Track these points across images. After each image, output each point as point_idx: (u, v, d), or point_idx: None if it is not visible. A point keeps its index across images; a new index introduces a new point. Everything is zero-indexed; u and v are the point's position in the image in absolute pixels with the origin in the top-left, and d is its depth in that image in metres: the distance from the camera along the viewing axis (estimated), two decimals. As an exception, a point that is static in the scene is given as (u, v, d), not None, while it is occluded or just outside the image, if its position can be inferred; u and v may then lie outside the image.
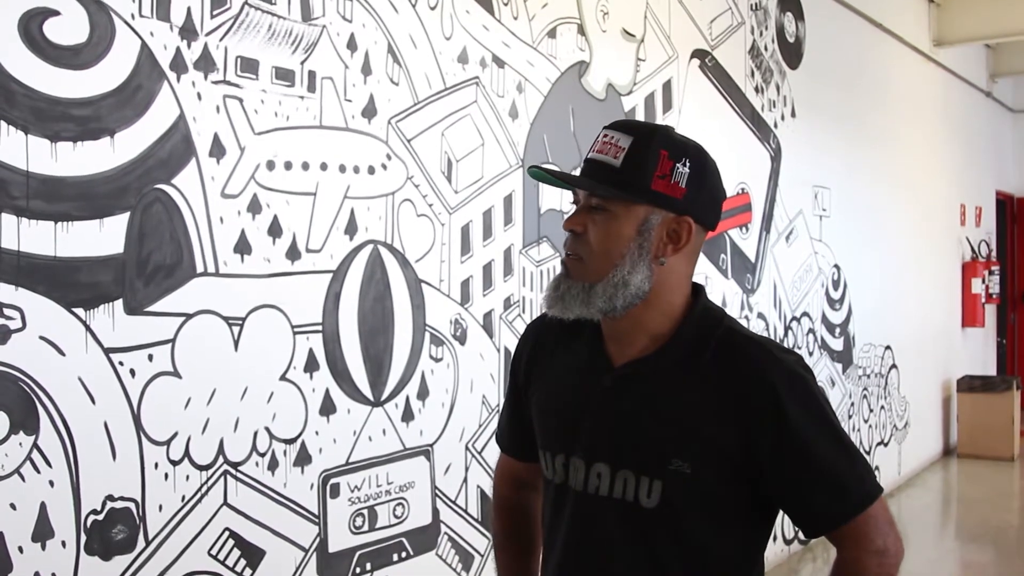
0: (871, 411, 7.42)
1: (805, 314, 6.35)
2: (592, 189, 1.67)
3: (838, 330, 6.85)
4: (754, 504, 1.68)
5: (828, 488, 1.63)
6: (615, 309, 1.65)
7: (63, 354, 2.42)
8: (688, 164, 1.66)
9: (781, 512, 1.71)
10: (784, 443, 1.60)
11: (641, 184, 1.64)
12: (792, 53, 6.16)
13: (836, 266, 6.82)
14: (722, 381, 1.64)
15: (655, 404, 1.67)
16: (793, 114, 6.16)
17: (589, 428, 1.71)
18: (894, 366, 7.91)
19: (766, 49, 5.83)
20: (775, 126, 5.95)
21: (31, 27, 2.36)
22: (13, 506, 2.33)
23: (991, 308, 10.46)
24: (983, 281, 9.78)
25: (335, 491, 3.12)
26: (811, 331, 6.43)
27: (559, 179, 1.75)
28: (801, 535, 1.73)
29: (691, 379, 1.66)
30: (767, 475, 1.63)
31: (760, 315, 5.75)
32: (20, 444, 2.34)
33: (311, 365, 3.04)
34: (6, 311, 2.31)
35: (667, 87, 4.84)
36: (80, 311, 2.45)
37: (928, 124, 8.84)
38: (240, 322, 2.83)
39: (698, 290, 1.75)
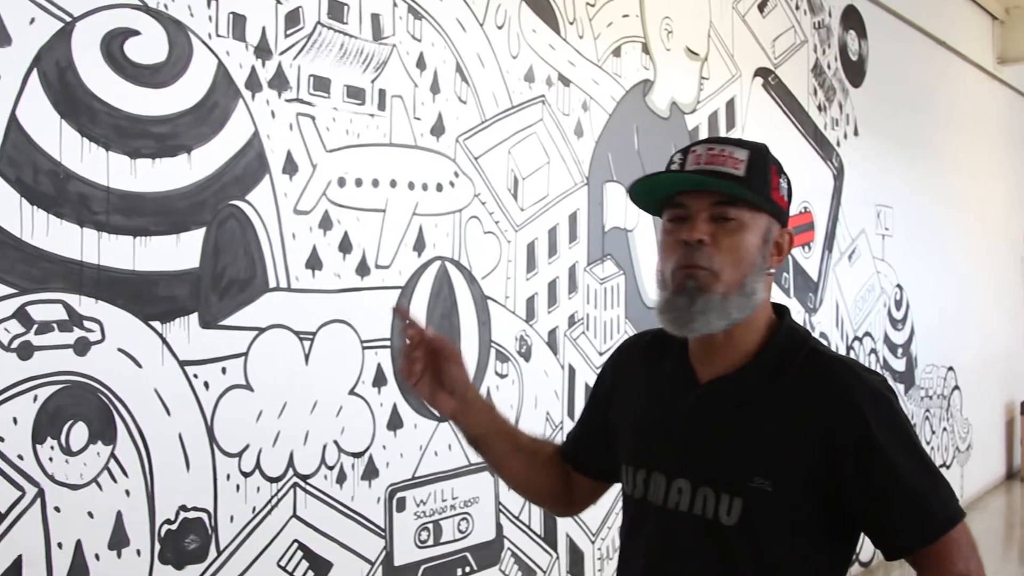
0: (933, 433, 7.32)
1: (867, 334, 6.29)
2: (731, 191, 1.62)
3: (900, 350, 6.77)
4: (835, 525, 1.65)
5: (911, 510, 1.60)
6: (738, 321, 1.64)
7: (140, 366, 2.46)
8: (785, 180, 1.71)
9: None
10: (868, 463, 1.58)
11: (765, 193, 1.65)
12: (855, 71, 6.12)
13: (899, 286, 6.75)
14: (806, 400, 1.62)
15: (738, 421, 1.66)
16: (856, 132, 6.12)
17: (672, 444, 1.71)
18: (957, 387, 7.80)
19: (829, 67, 5.79)
20: (838, 144, 5.92)
21: (112, 47, 2.42)
22: (91, 514, 2.37)
23: (1055, 330, 10.29)
24: (1047, 302, 9.63)
25: (401, 505, 3.14)
26: (873, 351, 6.37)
27: (685, 181, 1.64)
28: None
29: (775, 397, 1.64)
30: (850, 495, 1.61)
31: (822, 334, 5.70)
32: (98, 454, 2.38)
33: (379, 380, 3.07)
34: (86, 323, 2.36)
35: (730, 105, 4.83)
36: (157, 324, 2.49)
37: (991, 142, 8.73)
38: (311, 336, 2.87)
39: (783, 310, 1.75)
